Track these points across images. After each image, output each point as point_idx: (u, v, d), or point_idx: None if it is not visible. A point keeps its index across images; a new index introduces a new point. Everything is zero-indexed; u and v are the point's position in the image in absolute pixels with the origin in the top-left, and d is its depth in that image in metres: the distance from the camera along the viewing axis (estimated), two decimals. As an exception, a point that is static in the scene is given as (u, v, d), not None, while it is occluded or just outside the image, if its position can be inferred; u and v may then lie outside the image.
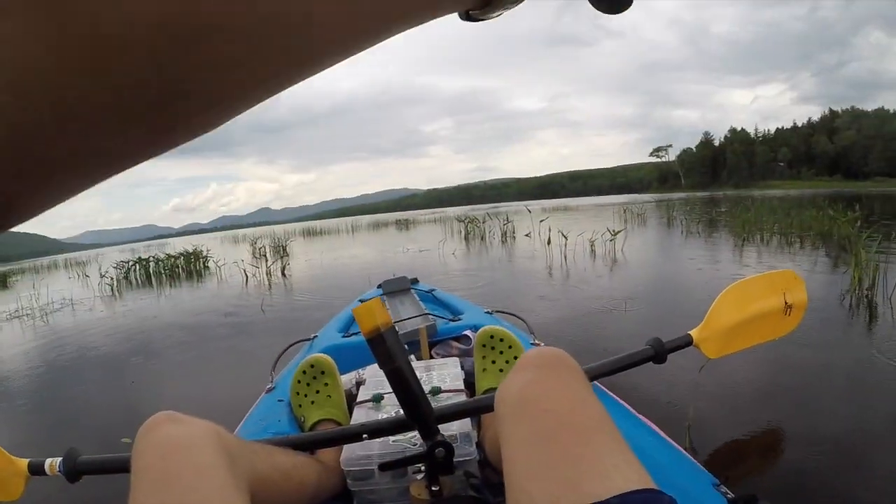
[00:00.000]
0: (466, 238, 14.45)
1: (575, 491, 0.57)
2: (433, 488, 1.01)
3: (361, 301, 2.62)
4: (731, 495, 0.97)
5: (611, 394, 1.48)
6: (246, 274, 9.88)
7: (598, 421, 0.68)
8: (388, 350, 0.95)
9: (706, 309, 1.66)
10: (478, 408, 1.16)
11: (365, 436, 1.15)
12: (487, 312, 2.24)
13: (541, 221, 11.26)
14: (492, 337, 1.48)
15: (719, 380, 2.67)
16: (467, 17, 0.23)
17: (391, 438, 1.18)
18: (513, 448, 0.68)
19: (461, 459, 1.08)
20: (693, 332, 1.63)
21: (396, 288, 2.80)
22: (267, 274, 9.65)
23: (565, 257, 8.23)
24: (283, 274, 9.93)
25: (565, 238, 9.15)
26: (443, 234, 16.13)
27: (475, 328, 1.83)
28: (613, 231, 9.09)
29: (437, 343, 1.93)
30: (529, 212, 14.63)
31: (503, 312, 2.26)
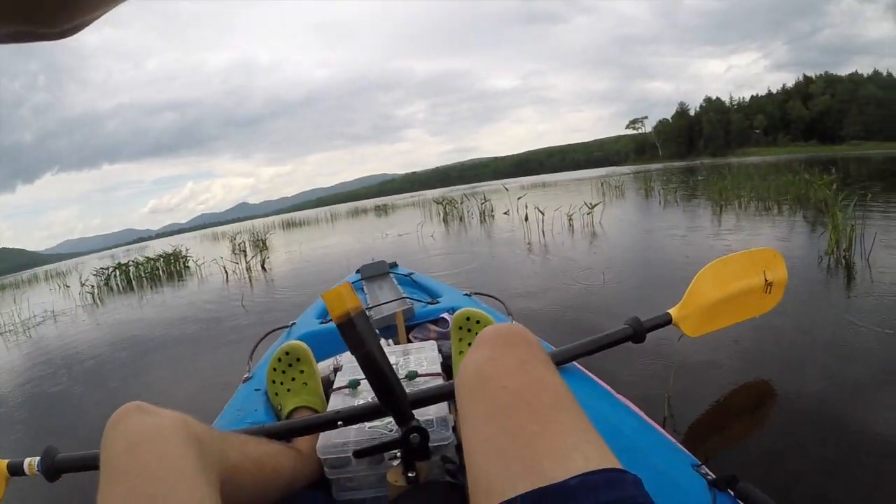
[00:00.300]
0: (445, 220, 14.44)
1: (533, 471, 0.55)
2: (409, 474, 1.00)
3: None
4: (710, 476, 0.96)
5: (589, 374, 1.46)
6: (226, 271, 9.82)
7: (557, 398, 0.67)
8: (359, 334, 0.93)
9: (684, 280, 1.66)
10: (452, 391, 1.15)
11: (340, 423, 1.13)
12: (466, 294, 2.23)
13: (518, 199, 11.23)
14: (468, 319, 1.48)
15: (697, 352, 2.62)
16: None
17: (367, 425, 1.17)
18: (471, 427, 0.67)
19: (438, 444, 1.08)
20: (672, 311, 1.62)
21: (375, 272, 2.80)
22: (247, 269, 9.61)
23: (543, 233, 8.24)
24: (263, 268, 9.85)
25: (542, 214, 9.15)
26: (421, 216, 16.09)
27: (453, 311, 1.82)
28: (590, 204, 9.10)
29: (415, 327, 1.92)
30: (507, 190, 14.63)
31: (481, 294, 2.25)
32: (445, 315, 1.86)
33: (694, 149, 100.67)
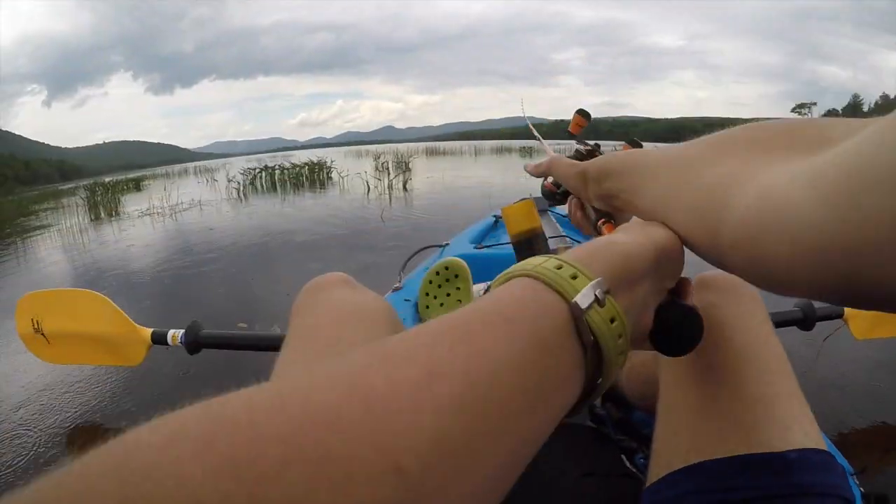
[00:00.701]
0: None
1: (748, 434, 0.53)
2: None
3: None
4: (861, 490, 0.87)
5: None
6: (368, 186, 9.85)
7: (781, 363, 0.60)
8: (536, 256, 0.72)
9: None
10: None
11: None
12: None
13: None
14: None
15: (853, 358, 2.28)
16: None
17: None
18: (674, 376, 0.63)
19: None
20: (847, 309, 1.47)
21: (536, 207, 2.60)
22: (388, 187, 9.58)
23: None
24: (405, 188, 9.81)
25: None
26: (567, 164, 15.62)
27: None
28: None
29: None
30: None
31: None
32: None
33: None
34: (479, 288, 1.49)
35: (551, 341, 0.27)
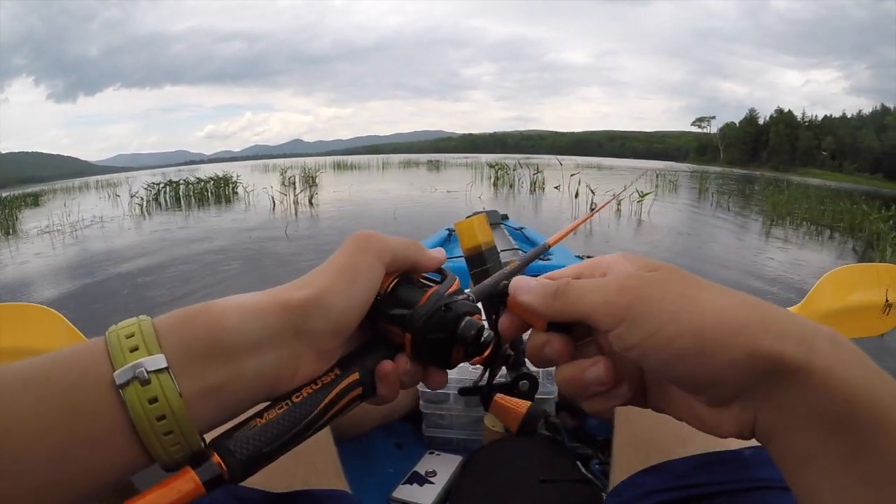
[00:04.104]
0: (495, 184, 14.33)
1: (705, 435, 0.48)
2: None
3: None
4: None
5: None
6: (273, 201, 9.93)
7: None
8: (488, 270, 0.86)
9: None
10: None
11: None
12: (578, 256, 2.19)
13: (571, 175, 11.08)
14: None
15: None
16: None
17: (471, 367, 1.08)
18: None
19: (540, 397, 1.05)
20: (791, 311, 1.54)
21: (488, 220, 2.80)
22: (294, 202, 9.70)
23: (591, 212, 8.08)
24: (311, 203, 9.96)
25: (593, 193, 9.05)
26: (472, 177, 15.95)
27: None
28: (642, 193, 8.92)
29: None
30: (561, 164, 14.50)
31: (592, 258, 2.23)
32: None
33: (757, 158, 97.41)
34: None
35: (85, 408, 0.29)
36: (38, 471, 0.28)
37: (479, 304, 0.46)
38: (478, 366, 1.05)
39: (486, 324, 0.42)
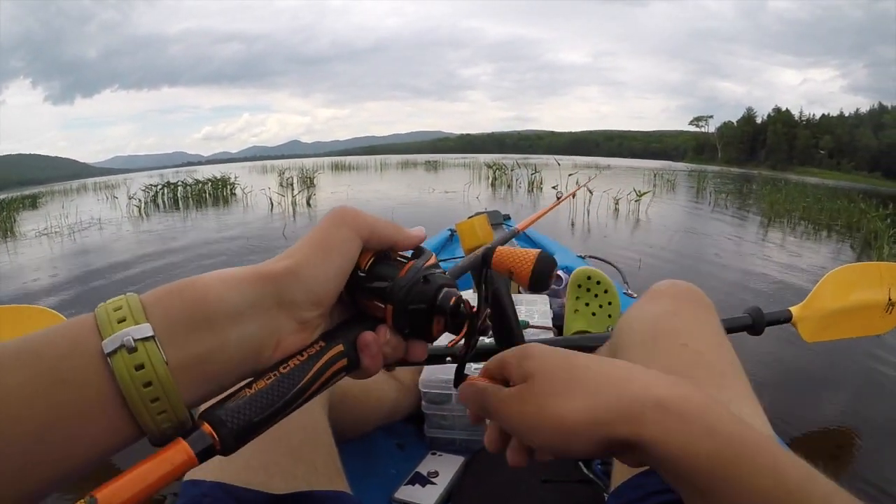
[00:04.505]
0: (493, 184, 14.28)
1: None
2: None
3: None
4: None
5: None
6: (272, 202, 9.93)
7: (734, 365, 0.66)
8: (489, 270, 0.88)
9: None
10: (578, 346, 1.06)
11: (448, 359, 1.08)
12: (580, 256, 2.21)
13: (569, 175, 11.07)
14: (588, 278, 1.46)
15: (806, 360, 2.38)
16: None
17: (473, 366, 1.08)
18: None
19: None
20: (794, 310, 1.53)
21: (490, 221, 2.79)
22: (292, 203, 9.71)
23: (588, 212, 8.15)
24: (309, 203, 9.99)
25: (590, 193, 9.06)
26: (470, 178, 15.93)
27: (567, 270, 1.79)
28: (639, 192, 8.96)
29: None
30: (559, 164, 14.44)
31: (595, 258, 2.20)
32: (560, 272, 1.80)
33: (754, 157, 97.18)
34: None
35: (73, 378, 0.30)
36: (26, 441, 0.28)
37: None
38: (480, 366, 1.07)
39: (464, 295, 0.44)
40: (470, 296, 1.35)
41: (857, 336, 1.71)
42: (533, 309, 1.45)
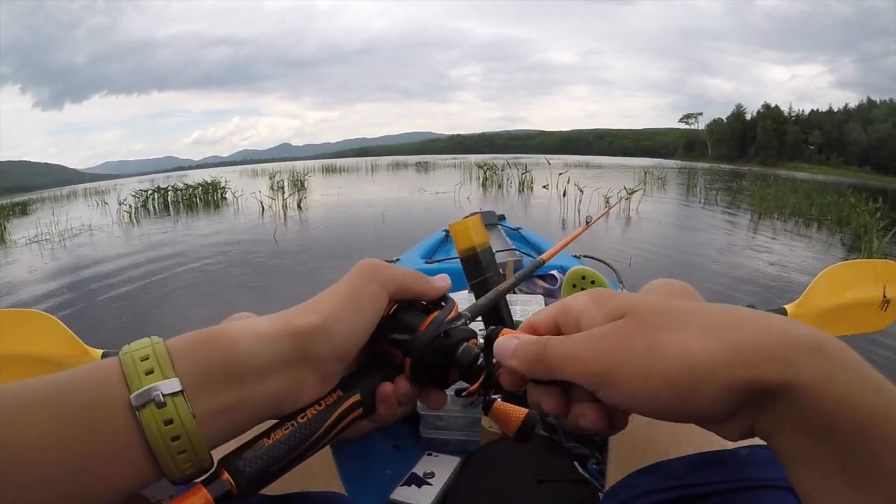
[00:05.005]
0: (484, 185, 14.35)
1: (700, 435, 0.54)
2: None
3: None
4: None
5: None
6: (262, 206, 9.93)
7: None
8: (483, 270, 0.89)
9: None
10: None
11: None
12: (575, 256, 2.20)
13: (560, 174, 11.12)
14: (583, 278, 1.46)
15: None
16: None
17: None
18: None
19: None
20: (788, 307, 1.49)
21: (484, 221, 2.80)
22: (283, 207, 9.70)
23: (579, 210, 8.18)
24: (299, 207, 9.96)
25: (581, 192, 9.08)
26: (461, 178, 15.95)
27: (562, 269, 1.79)
28: (630, 190, 9.00)
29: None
30: (549, 164, 14.50)
31: (591, 258, 2.19)
32: (555, 272, 1.80)
33: (744, 154, 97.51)
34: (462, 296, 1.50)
35: (103, 427, 0.31)
36: (58, 483, 0.29)
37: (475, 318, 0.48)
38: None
39: (481, 341, 0.44)
40: (464, 297, 1.38)
41: (852, 334, 1.71)
42: (528, 309, 1.44)
